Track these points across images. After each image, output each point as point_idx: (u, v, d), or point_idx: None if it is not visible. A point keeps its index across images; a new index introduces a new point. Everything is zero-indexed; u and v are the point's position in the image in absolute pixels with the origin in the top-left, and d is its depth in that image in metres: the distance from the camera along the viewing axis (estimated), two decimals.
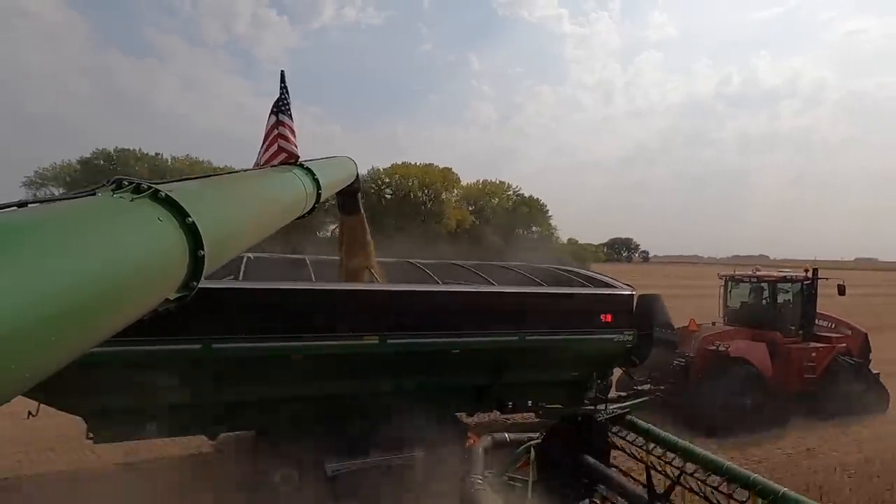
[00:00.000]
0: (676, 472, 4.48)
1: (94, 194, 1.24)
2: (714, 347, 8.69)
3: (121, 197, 1.25)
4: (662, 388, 8.46)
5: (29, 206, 1.03)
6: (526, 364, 6.01)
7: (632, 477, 4.72)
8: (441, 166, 54.63)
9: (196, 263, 1.43)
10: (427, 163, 54.91)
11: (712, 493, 4.29)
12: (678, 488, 4.37)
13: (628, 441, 5.17)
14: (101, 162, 45.01)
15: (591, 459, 4.57)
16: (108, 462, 6.69)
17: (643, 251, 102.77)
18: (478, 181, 58.30)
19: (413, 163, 54.10)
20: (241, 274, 5.59)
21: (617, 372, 7.84)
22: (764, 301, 9.87)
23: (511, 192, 58.30)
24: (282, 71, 3.85)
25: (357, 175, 5.23)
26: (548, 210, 59.03)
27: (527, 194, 58.61)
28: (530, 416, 7.62)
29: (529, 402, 6.38)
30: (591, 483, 4.40)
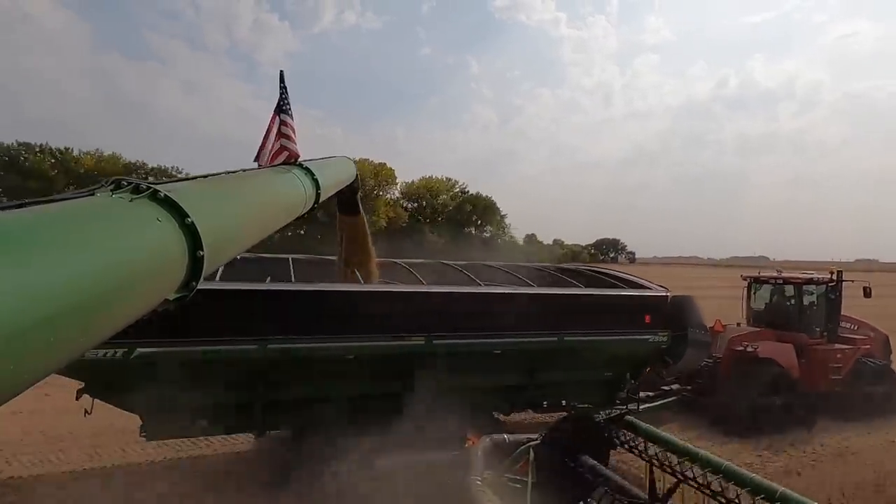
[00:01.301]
0: (677, 473, 4.47)
1: (93, 194, 1.24)
2: (742, 348, 8.72)
3: (120, 197, 1.25)
4: (690, 388, 8.55)
5: (28, 206, 1.02)
6: (563, 364, 6.10)
7: (627, 478, 4.71)
8: (377, 162, 51.13)
9: (195, 263, 1.42)
10: (362, 158, 51.24)
11: (712, 493, 4.28)
12: (679, 489, 4.36)
13: (629, 442, 5.17)
14: None
15: (590, 460, 4.56)
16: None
17: (629, 252, 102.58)
18: (422, 178, 54.69)
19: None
20: (292, 276, 5.73)
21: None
22: (789, 303, 9.90)
23: (457, 189, 54.89)
24: (280, 71, 3.86)
25: (356, 175, 5.23)
26: (500, 208, 56.50)
27: (473, 191, 55.44)
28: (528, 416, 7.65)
29: (563, 401, 6.46)
30: (591, 484, 4.40)
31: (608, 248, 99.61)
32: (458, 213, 52.97)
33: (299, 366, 4.88)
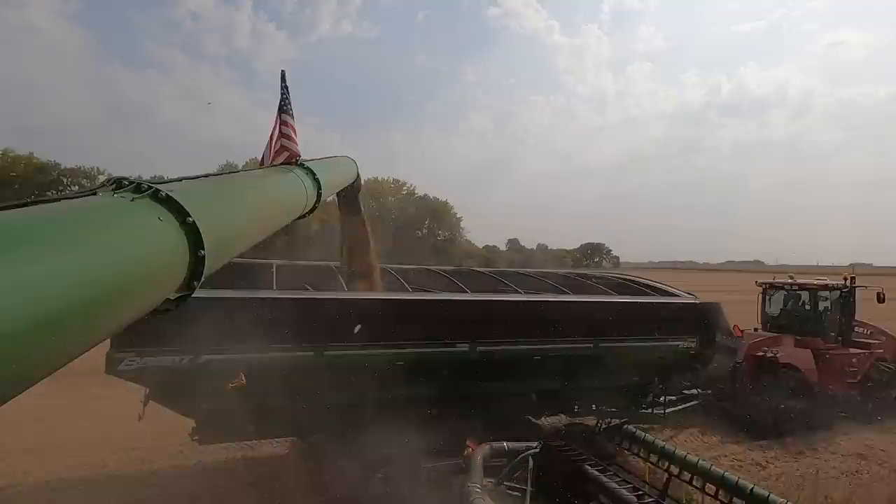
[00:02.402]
0: (675, 480, 4.47)
1: (94, 194, 1.22)
2: (762, 354, 8.86)
3: (121, 197, 1.23)
4: (710, 392, 8.67)
5: (30, 206, 1.01)
6: (597, 369, 6.25)
7: (632, 482, 4.69)
8: None
9: (197, 263, 1.41)
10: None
11: (708, 500, 4.28)
12: (676, 496, 4.36)
13: (628, 450, 5.16)
14: None
15: (588, 468, 4.54)
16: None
17: (614, 256, 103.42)
18: (367, 179, 52.83)
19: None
20: (344, 285, 5.88)
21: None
22: (805, 308, 10.05)
23: (405, 192, 51.89)
24: (282, 70, 3.84)
25: (358, 175, 5.21)
26: (456, 211, 53.42)
27: (421, 193, 52.04)
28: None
29: (594, 405, 6.62)
30: (588, 492, 4.37)
31: (593, 253, 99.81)
32: (406, 216, 50.04)
33: (352, 372, 5.03)
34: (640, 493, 4.27)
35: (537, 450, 4.47)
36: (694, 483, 4.57)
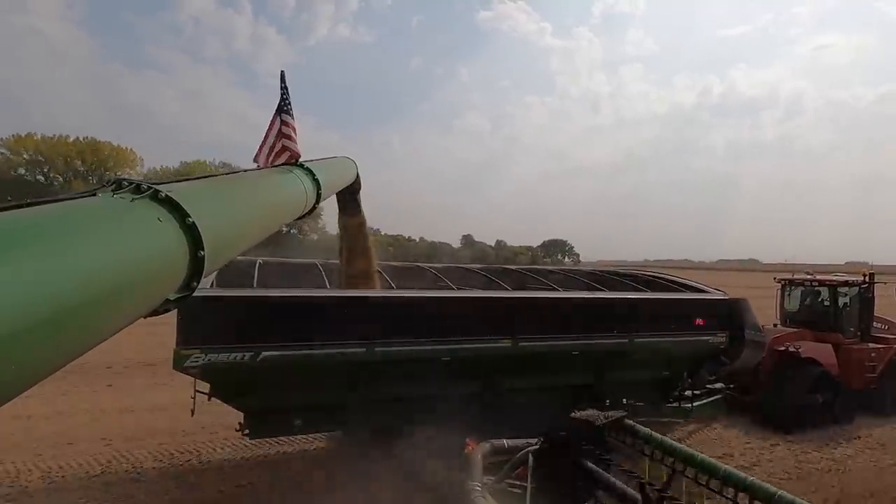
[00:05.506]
0: (676, 476, 4.46)
1: (94, 195, 1.22)
2: (784, 348, 8.93)
3: (121, 197, 1.23)
4: (732, 386, 8.77)
5: (29, 206, 1.01)
6: (630, 364, 6.44)
7: (634, 476, 4.70)
8: (107, 142, 46.12)
9: (196, 264, 1.41)
10: (61, 134, 46.82)
11: (711, 496, 4.27)
12: (677, 492, 4.35)
13: (628, 446, 5.14)
14: None
15: (590, 465, 4.54)
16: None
17: (575, 253, 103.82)
18: (183, 162, 48.02)
19: (38, 136, 46.69)
20: (391, 283, 6.08)
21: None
22: (824, 304, 10.11)
23: None
24: (282, 71, 3.83)
25: (358, 175, 5.21)
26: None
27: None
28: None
29: (624, 399, 6.76)
30: (590, 489, 4.37)
31: (555, 249, 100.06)
32: None
33: (400, 367, 5.18)
34: (642, 488, 4.27)
35: (537, 446, 4.46)
36: (698, 479, 4.57)
